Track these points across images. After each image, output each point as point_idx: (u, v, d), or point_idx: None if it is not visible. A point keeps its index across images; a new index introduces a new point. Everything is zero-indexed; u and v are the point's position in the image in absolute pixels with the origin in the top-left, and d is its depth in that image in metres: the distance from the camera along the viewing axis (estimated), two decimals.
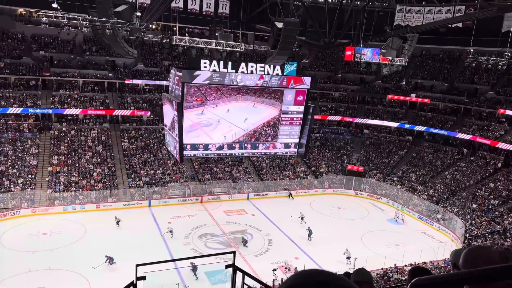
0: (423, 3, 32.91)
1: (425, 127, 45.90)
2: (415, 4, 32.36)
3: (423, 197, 38.29)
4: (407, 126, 46.98)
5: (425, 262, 25.58)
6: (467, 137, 42.20)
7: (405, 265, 24.69)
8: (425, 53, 52.90)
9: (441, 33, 46.31)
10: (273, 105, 26.77)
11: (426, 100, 47.65)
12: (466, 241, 29.98)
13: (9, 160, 34.82)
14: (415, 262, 25.25)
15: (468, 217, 33.79)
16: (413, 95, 48.20)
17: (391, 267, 24.35)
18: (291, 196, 39.50)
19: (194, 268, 22.61)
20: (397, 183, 41.59)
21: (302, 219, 32.60)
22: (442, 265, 24.80)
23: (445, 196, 37.92)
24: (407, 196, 39.10)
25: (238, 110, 25.80)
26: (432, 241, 31.90)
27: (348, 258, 26.17)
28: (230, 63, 24.30)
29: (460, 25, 38.25)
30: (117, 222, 30.13)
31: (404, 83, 50.59)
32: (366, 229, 33.21)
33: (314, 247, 28.89)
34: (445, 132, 44.40)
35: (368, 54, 31.28)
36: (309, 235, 30.07)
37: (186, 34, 40.17)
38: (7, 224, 29.27)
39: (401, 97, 49.01)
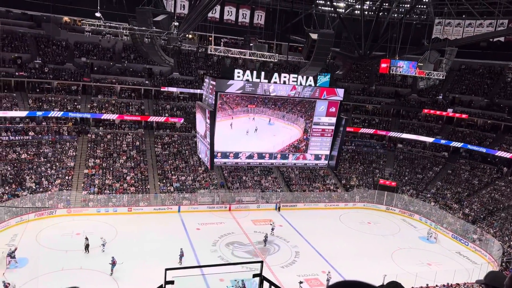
0: (463, 16, 32.08)
1: (462, 144, 44.35)
2: (455, 18, 31.58)
3: (458, 216, 36.89)
4: (443, 141, 45.57)
5: (458, 284, 24.57)
6: (507, 155, 40.45)
7: (437, 286, 23.80)
8: (464, 67, 51.37)
9: (481, 47, 44.86)
10: (295, 122, 26.14)
11: (464, 116, 46.14)
12: (503, 263, 28.59)
13: (49, 162, 36.31)
14: (447, 283, 24.29)
15: (506, 239, 32.25)
16: (450, 110, 46.80)
17: (422, 287, 23.53)
18: (279, 208, 38.20)
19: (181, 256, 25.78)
20: (430, 200, 40.30)
21: (272, 229, 32.01)
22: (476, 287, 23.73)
23: (482, 216, 36.39)
24: (441, 214, 37.78)
25: (245, 129, 25.32)
26: (467, 262, 30.63)
27: (328, 281, 25.10)
28: (263, 73, 24.49)
29: (502, 39, 36.96)
30: (86, 247, 26.43)
31: (441, 97, 49.24)
32: (397, 246, 32.31)
33: (342, 262, 28.34)
34: (483, 149, 42.73)
35: (404, 67, 30.71)
36: (264, 241, 30.07)
37: (221, 44, 40.83)
38: (44, 223, 30.42)
39: (438, 112, 47.68)
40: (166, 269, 5.45)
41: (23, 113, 37.79)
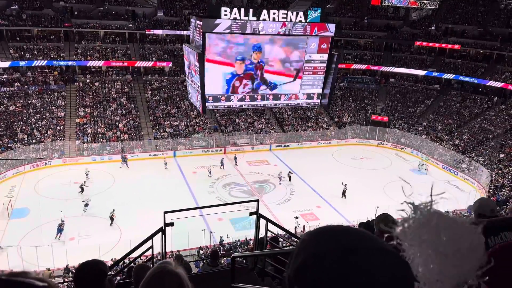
0: None
1: (454, 75, 44.18)
2: None
3: (448, 147, 37.68)
4: (435, 74, 45.33)
5: (447, 211, 25.63)
6: (498, 84, 40.54)
7: None
8: None
9: None
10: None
11: (456, 46, 45.48)
12: (491, 190, 29.71)
13: (38, 113, 35.83)
14: None
15: (494, 166, 33.24)
16: (442, 41, 46.01)
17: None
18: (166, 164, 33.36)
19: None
20: (422, 133, 40.90)
21: (289, 178, 31.68)
22: (464, 214, 24.82)
23: (471, 146, 37.19)
24: (432, 146, 38.52)
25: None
26: (456, 190, 31.74)
27: (344, 192, 29.03)
28: (251, 10, 23.53)
29: None
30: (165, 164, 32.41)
31: (433, 28, 48.19)
32: (389, 179, 33.19)
33: (336, 196, 29.25)
34: (475, 80, 42.70)
35: None
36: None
37: None
38: (40, 174, 30.67)
39: (430, 44, 46.90)
40: (165, 212, 5.57)
41: (6, 64, 36.61)
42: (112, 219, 24.47)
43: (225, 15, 22.65)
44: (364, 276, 0.82)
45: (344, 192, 29.26)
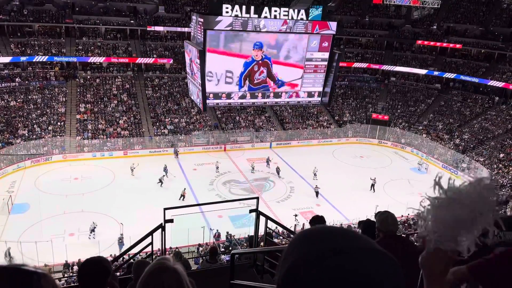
0: None
1: (455, 74, 44.08)
2: None
3: (449, 147, 37.65)
4: (436, 73, 45.24)
5: None
6: (500, 84, 40.45)
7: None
8: None
9: None
10: None
11: (458, 46, 45.36)
12: None
13: (39, 108, 35.83)
14: None
15: (494, 166, 33.23)
16: (444, 40, 45.91)
17: (412, 215, 24.53)
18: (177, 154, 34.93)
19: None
20: (422, 132, 40.87)
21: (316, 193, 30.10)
22: None
23: (472, 146, 37.17)
24: (432, 145, 38.50)
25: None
26: None
27: (373, 185, 29.81)
28: (252, 7, 23.47)
29: None
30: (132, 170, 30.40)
31: (435, 27, 48.07)
32: (389, 177, 33.21)
33: (335, 194, 29.26)
34: (476, 80, 42.61)
35: None
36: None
37: None
38: (41, 169, 30.70)
39: (432, 43, 46.79)
40: (165, 209, 5.58)
41: (7, 59, 36.59)
42: (183, 196, 26.13)
43: (227, 12, 22.59)
44: (353, 277, 0.80)
45: (373, 186, 30.08)
